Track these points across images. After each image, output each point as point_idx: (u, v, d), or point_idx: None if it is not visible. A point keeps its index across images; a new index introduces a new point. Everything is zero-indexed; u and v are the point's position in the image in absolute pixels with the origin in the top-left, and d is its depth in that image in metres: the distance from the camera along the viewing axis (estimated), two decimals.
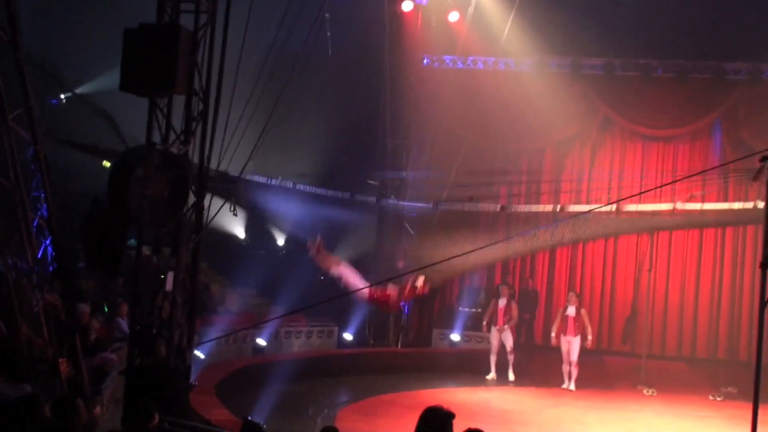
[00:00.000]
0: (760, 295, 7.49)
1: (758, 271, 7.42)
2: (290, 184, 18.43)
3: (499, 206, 19.01)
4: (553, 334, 17.25)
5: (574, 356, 16.82)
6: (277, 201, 18.70)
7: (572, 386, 16.83)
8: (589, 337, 16.99)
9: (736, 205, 14.89)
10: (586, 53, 20.28)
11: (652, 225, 17.61)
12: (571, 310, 17.02)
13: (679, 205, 16.15)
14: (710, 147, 20.61)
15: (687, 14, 19.57)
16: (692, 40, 19.88)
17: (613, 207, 16.07)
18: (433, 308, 20.92)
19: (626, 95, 20.49)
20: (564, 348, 16.93)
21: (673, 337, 20.51)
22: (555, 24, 19.12)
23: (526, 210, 18.50)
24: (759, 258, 7.45)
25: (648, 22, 19.73)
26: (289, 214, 21.38)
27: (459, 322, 19.84)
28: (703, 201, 15.97)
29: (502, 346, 17.68)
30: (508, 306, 17.71)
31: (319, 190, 18.57)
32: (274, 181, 18.00)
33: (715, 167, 18.03)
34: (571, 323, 16.92)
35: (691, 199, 16.00)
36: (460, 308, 20.24)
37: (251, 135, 10.73)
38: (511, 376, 17.51)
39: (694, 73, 20.11)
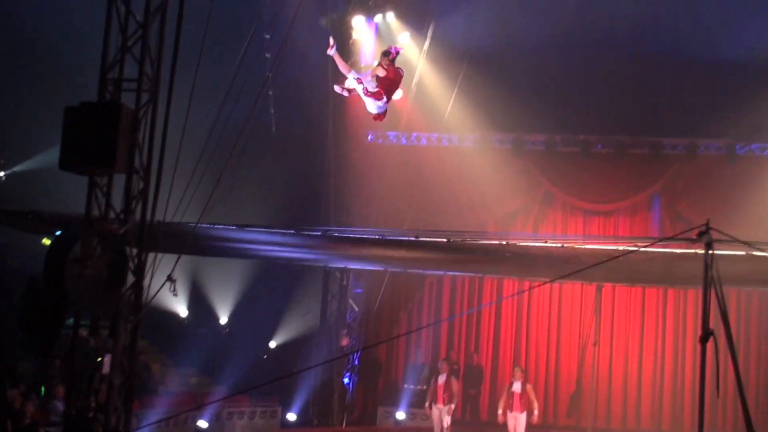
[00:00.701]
0: (700, 369, 7.53)
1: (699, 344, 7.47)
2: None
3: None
4: (499, 411, 17.11)
5: None
6: (221, 276, 18.55)
7: None
8: (536, 412, 16.88)
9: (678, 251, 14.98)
10: (528, 129, 20.60)
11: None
12: (517, 386, 16.93)
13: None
14: (650, 220, 20.88)
15: (625, 91, 20.04)
16: (630, 116, 20.33)
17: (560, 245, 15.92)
18: (378, 385, 20.74)
19: (567, 170, 20.76)
20: (510, 424, 16.80)
21: (618, 409, 20.47)
22: (497, 101, 19.43)
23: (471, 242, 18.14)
24: (699, 331, 7.51)
25: (588, 100, 20.12)
26: (233, 289, 21.30)
27: (404, 400, 19.69)
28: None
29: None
30: (448, 382, 17.38)
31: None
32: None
33: (655, 241, 18.23)
34: (517, 399, 16.81)
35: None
36: (405, 385, 20.08)
37: (194, 213, 10.65)
38: None
39: (632, 148, 20.49)
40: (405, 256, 15.04)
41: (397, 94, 18.97)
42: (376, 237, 14.95)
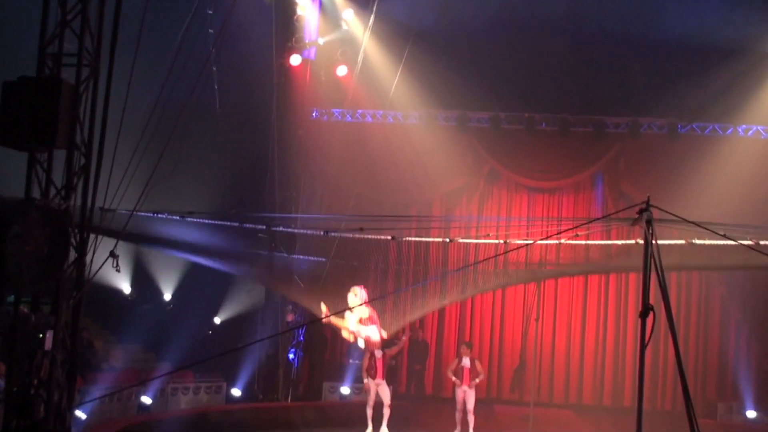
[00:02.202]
0: (640, 344, 7.62)
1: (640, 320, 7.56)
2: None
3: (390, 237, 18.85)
4: (454, 379, 17.16)
5: (471, 405, 16.83)
6: (165, 250, 18.34)
7: None
8: (477, 380, 16.99)
9: (620, 242, 15.18)
10: (473, 107, 20.65)
11: (538, 275, 17.84)
12: (466, 361, 17.08)
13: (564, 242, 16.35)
14: (593, 198, 21.09)
15: (569, 70, 20.19)
16: (574, 95, 20.53)
17: (501, 241, 16.09)
18: (324, 360, 20.76)
19: (512, 148, 20.87)
20: (459, 397, 16.94)
21: (561, 384, 20.76)
22: (442, 78, 19.46)
23: (416, 239, 18.26)
24: (640, 306, 7.60)
25: (532, 78, 20.22)
26: (177, 265, 21.11)
27: (349, 375, 19.74)
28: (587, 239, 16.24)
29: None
30: (385, 357, 17.36)
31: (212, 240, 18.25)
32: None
33: (598, 219, 18.45)
34: (466, 374, 16.96)
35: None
36: (351, 360, 20.12)
37: (136, 189, 10.53)
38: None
39: (576, 126, 20.64)
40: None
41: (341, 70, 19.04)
42: (320, 233, 15.14)
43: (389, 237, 17.25)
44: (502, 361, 20.95)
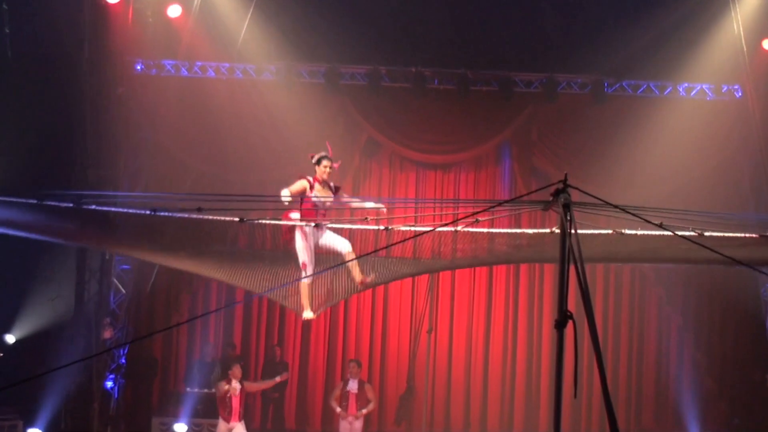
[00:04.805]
0: (556, 361, 7.71)
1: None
2: None
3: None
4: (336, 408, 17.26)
5: None
6: None
7: None
8: (364, 411, 17.09)
9: (531, 231, 15.35)
10: (346, 59, 20.61)
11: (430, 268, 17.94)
12: (353, 385, 17.17)
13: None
14: (498, 176, 21.34)
15: (470, 16, 20.32)
16: (476, 46, 20.68)
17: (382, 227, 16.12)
18: (152, 389, 20.53)
19: (396, 112, 20.94)
20: (345, 430, 17.08)
21: (459, 412, 21.00)
22: (305, 22, 19.39)
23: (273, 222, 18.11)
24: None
25: (423, 24, 20.29)
26: None
27: (186, 408, 19.55)
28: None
29: None
30: (243, 393, 17.34)
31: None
32: None
33: (504, 202, 18.65)
34: (352, 401, 17.08)
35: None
36: (188, 389, 19.92)
37: None
38: None
39: (477, 85, 20.82)
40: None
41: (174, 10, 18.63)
42: (146, 212, 14.68)
43: (236, 219, 17.07)
44: (384, 385, 21.03)
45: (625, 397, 20.58)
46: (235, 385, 16.86)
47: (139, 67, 20.75)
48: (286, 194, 12.84)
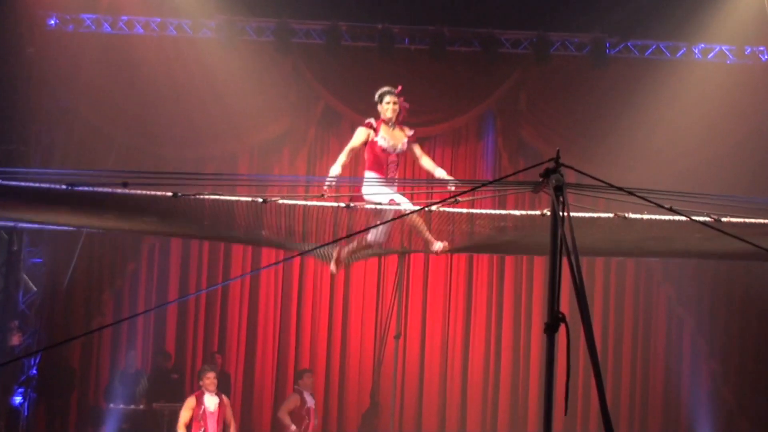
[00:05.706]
0: (546, 369, 7.68)
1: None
2: None
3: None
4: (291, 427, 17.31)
5: None
6: None
7: None
8: None
9: (517, 212, 15.32)
10: (299, 13, 20.49)
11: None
12: (311, 400, 17.19)
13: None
14: (480, 151, 21.29)
15: None
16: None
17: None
18: (69, 405, 20.43)
19: (358, 77, 20.73)
20: None
21: (433, 427, 20.99)
22: None
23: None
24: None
25: None
26: None
27: (109, 427, 19.48)
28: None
29: None
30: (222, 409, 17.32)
31: None
32: None
33: (487, 183, 18.65)
34: (313, 417, 17.10)
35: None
36: (111, 405, 19.85)
37: None
38: None
39: (456, 45, 20.80)
40: (104, 225, 14.67)
41: None
42: (61, 188, 14.43)
43: (169, 194, 16.89)
44: (344, 400, 20.97)
45: (628, 413, 20.59)
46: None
47: (52, 23, 20.61)
48: (335, 172, 12.61)
